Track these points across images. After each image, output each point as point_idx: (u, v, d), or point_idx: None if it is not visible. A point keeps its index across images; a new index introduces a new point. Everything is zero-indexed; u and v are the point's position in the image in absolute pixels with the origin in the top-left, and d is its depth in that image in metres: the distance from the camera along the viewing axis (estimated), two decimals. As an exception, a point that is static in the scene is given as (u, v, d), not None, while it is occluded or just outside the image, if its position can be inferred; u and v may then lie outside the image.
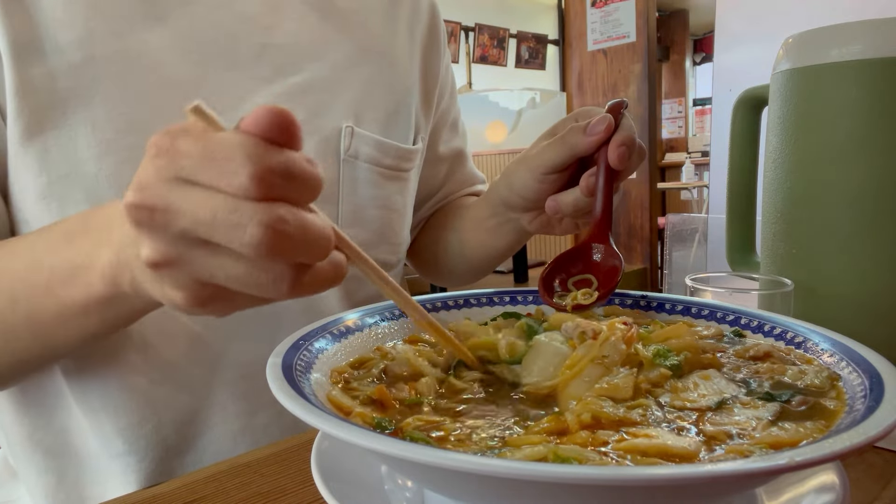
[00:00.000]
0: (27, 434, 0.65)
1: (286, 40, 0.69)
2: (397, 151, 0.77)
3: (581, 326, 0.45)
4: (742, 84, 0.75)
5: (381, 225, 0.76)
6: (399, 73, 0.79)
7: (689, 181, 5.62)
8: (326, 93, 0.71)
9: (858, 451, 0.26)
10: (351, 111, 0.73)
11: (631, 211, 3.90)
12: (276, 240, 0.30)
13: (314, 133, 0.70)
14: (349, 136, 0.72)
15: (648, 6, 3.72)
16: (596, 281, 0.56)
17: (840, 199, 0.60)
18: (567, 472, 0.24)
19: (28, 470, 0.66)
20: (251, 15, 0.67)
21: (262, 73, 0.67)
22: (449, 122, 0.92)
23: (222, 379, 0.66)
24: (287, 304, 0.58)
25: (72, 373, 0.62)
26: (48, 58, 0.57)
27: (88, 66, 0.58)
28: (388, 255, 0.79)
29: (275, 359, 0.37)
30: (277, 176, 0.30)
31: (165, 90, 0.62)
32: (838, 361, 0.40)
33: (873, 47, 0.57)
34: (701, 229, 2.45)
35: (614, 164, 0.58)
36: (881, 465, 0.47)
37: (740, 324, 0.50)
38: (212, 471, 0.50)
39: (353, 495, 0.37)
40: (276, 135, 0.31)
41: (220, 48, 0.65)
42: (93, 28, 0.58)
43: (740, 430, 0.34)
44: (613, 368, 0.40)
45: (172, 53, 0.62)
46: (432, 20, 0.86)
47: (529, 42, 4.46)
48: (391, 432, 0.35)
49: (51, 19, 0.57)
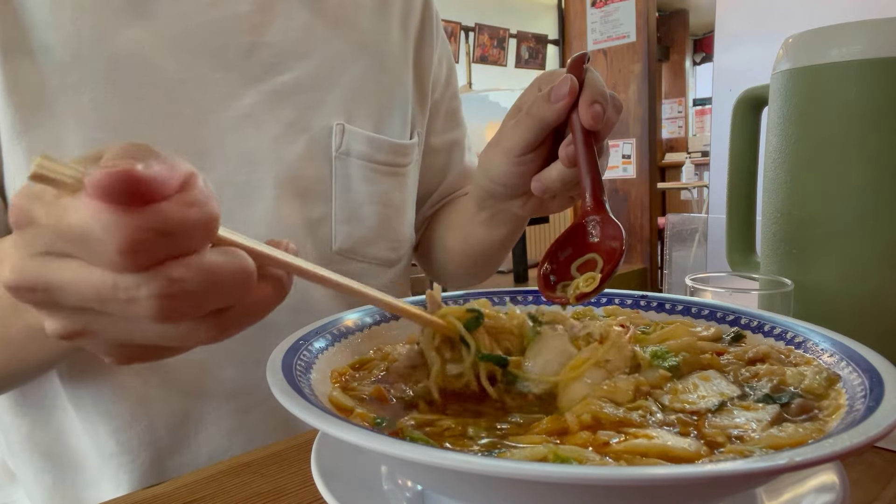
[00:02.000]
0: (25, 434, 0.65)
1: (276, 39, 0.69)
2: (391, 147, 0.76)
3: (588, 328, 0.44)
4: (742, 84, 0.75)
5: (378, 221, 0.76)
6: (391, 69, 0.79)
7: (689, 181, 5.62)
8: (316, 91, 0.71)
9: (858, 451, 0.26)
10: (342, 109, 0.72)
11: (631, 211, 3.90)
12: (175, 304, 0.28)
13: (304, 131, 0.70)
14: (340, 134, 0.72)
15: (648, 6, 3.72)
16: (600, 259, 0.50)
17: (840, 198, 0.60)
18: (567, 473, 0.24)
19: (26, 471, 0.66)
20: (241, 14, 0.67)
21: (251, 71, 0.67)
22: (442, 113, 0.90)
23: (214, 378, 0.66)
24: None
25: (65, 374, 0.63)
26: (36, 56, 0.57)
27: (76, 65, 0.58)
28: (389, 253, 0.79)
29: (274, 359, 0.37)
30: (150, 240, 0.26)
31: (153, 90, 0.62)
32: (838, 361, 0.40)
33: (873, 47, 0.57)
34: (701, 229, 2.45)
35: (589, 125, 0.53)
36: (881, 465, 0.47)
37: (740, 324, 0.50)
38: (212, 471, 0.50)
39: (353, 495, 0.37)
40: (129, 199, 0.25)
41: (210, 47, 0.65)
42: (80, 27, 0.58)
43: (740, 432, 0.34)
44: (616, 373, 0.40)
45: (161, 53, 0.62)
46: (425, 11, 0.86)
47: (529, 42, 4.46)
48: (391, 432, 0.35)
49: (37, 20, 0.57)
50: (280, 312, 0.54)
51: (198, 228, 0.27)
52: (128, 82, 0.60)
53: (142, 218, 0.26)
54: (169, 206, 0.26)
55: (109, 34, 0.60)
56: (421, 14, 0.85)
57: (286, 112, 0.69)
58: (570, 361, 0.41)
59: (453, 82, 0.93)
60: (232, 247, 0.30)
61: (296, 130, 0.69)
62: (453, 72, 0.93)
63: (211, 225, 0.28)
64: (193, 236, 0.28)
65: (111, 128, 0.59)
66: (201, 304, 0.29)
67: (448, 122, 0.92)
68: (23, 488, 0.68)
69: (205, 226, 0.28)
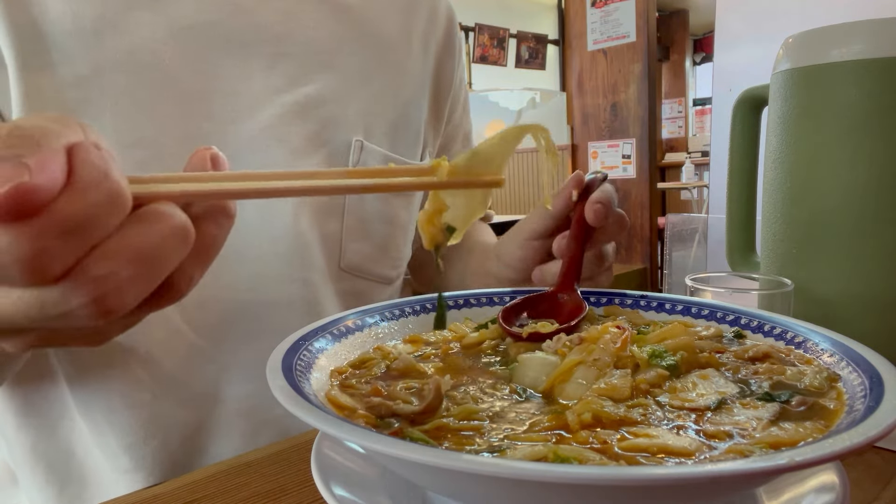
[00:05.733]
0: (30, 445, 0.64)
1: (300, 49, 0.67)
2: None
3: (563, 339, 0.45)
4: (742, 84, 0.75)
5: (383, 239, 0.75)
6: (410, 85, 0.77)
7: (689, 181, 5.61)
8: (338, 104, 0.70)
9: (858, 451, 0.26)
10: (361, 124, 0.71)
11: (631, 211, 3.90)
12: (115, 299, 0.25)
13: (323, 146, 0.68)
14: (358, 150, 0.70)
15: (648, 6, 3.72)
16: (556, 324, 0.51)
17: (840, 198, 0.60)
18: (567, 472, 0.24)
19: (30, 481, 0.66)
20: (266, 23, 0.65)
21: (274, 82, 0.66)
22: (460, 137, 0.90)
23: (227, 394, 0.65)
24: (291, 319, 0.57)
25: (76, 388, 0.62)
26: (56, 68, 0.56)
27: (96, 79, 0.57)
28: (389, 270, 0.78)
29: (275, 359, 0.37)
30: (55, 247, 0.23)
31: (173, 103, 0.60)
32: (838, 361, 0.40)
33: (873, 47, 0.57)
34: (701, 229, 2.45)
35: (590, 221, 0.56)
36: (881, 465, 0.47)
37: (740, 324, 0.50)
38: (212, 471, 0.50)
39: (353, 495, 0.37)
40: (17, 216, 0.22)
41: (233, 58, 0.63)
42: (101, 36, 0.57)
43: (740, 430, 0.34)
44: (607, 370, 0.40)
45: (182, 64, 0.61)
46: (449, 29, 0.84)
47: (529, 42, 4.45)
48: (391, 432, 0.35)
49: (58, 29, 0.55)
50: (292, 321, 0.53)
51: (103, 211, 0.24)
52: (148, 96, 0.59)
53: (36, 226, 0.23)
54: (62, 202, 0.23)
55: (131, 44, 0.58)
56: (445, 29, 0.83)
57: (307, 125, 0.67)
58: (558, 369, 0.41)
59: (468, 105, 0.93)
60: (154, 203, 0.26)
61: (315, 145, 0.68)
62: (468, 94, 0.93)
63: (118, 200, 0.24)
64: (102, 221, 0.24)
65: (131, 143, 0.58)
66: (145, 282, 0.26)
67: (464, 145, 0.91)
68: (25, 494, 0.68)
69: (110, 204, 0.24)
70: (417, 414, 0.37)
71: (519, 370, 0.43)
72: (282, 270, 0.65)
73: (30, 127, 0.23)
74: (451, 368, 0.45)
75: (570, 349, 0.43)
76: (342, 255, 0.72)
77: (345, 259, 0.72)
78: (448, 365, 0.46)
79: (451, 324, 0.54)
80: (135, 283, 0.26)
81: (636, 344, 0.44)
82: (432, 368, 0.45)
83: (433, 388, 0.38)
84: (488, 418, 0.37)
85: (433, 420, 0.36)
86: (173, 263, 0.27)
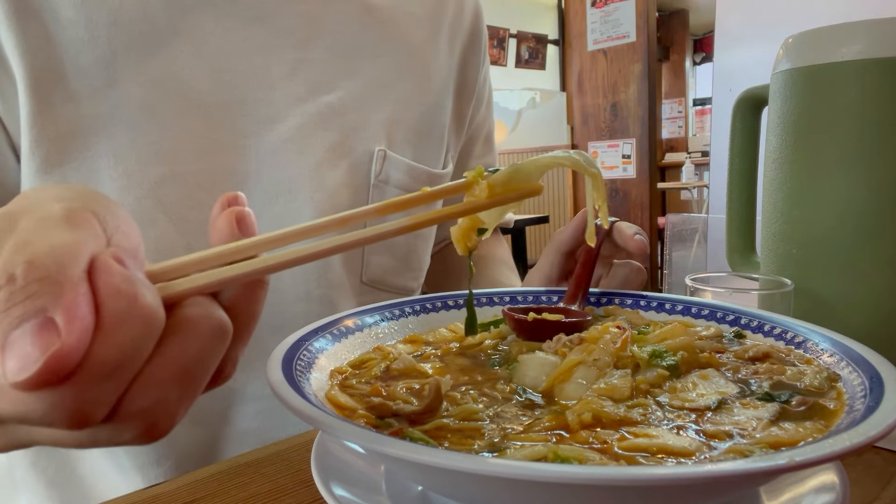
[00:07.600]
0: (30, 462, 0.63)
1: (322, 55, 0.65)
2: (428, 177, 0.73)
3: (563, 339, 0.45)
4: (742, 84, 0.75)
5: (407, 251, 0.74)
6: (435, 91, 0.75)
7: (689, 181, 5.61)
8: (360, 113, 0.67)
9: (858, 451, 0.26)
10: (384, 133, 0.69)
11: (631, 211, 3.90)
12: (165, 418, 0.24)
13: (346, 156, 0.66)
14: (381, 160, 0.68)
15: (648, 6, 3.72)
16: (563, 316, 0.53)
17: (840, 198, 0.60)
18: (567, 472, 0.24)
19: (31, 493, 0.65)
20: (287, 27, 0.63)
21: (296, 91, 0.63)
22: (483, 136, 0.87)
23: (239, 412, 0.64)
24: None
25: None
26: (70, 81, 0.53)
27: (112, 90, 0.55)
28: (411, 282, 0.76)
29: (275, 358, 0.37)
30: (96, 398, 0.22)
31: (191, 116, 0.58)
32: (838, 361, 0.40)
33: (873, 47, 0.57)
34: (701, 229, 2.45)
35: (631, 248, 0.60)
36: (881, 465, 0.47)
37: (740, 324, 0.50)
38: (212, 470, 0.50)
39: (353, 495, 0.37)
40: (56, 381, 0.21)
41: (254, 66, 0.61)
42: (115, 47, 0.55)
43: (740, 430, 0.34)
44: (607, 370, 0.40)
45: (199, 74, 0.58)
46: (475, 25, 0.81)
47: (529, 42, 4.46)
48: (391, 432, 0.35)
49: (72, 39, 0.53)
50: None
51: (139, 343, 0.22)
52: (164, 108, 0.57)
53: (76, 382, 0.21)
54: (97, 347, 0.21)
55: (145, 54, 0.56)
56: (470, 27, 0.80)
57: (329, 135, 0.65)
58: (557, 369, 0.41)
59: (491, 103, 0.90)
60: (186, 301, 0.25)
61: (337, 155, 0.65)
62: (492, 91, 0.90)
63: (152, 324, 0.23)
64: (140, 353, 0.23)
65: (148, 160, 0.56)
66: (193, 394, 0.25)
67: (486, 146, 0.89)
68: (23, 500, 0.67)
69: (144, 333, 0.22)
70: (417, 414, 0.37)
71: (519, 370, 0.43)
72: (302, 288, 0.64)
73: (42, 253, 0.21)
74: (451, 368, 0.45)
75: (570, 349, 0.43)
76: (364, 269, 0.70)
77: (367, 273, 0.70)
78: (448, 365, 0.46)
79: (451, 324, 0.54)
80: (182, 400, 0.25)
81: (636, 344, 0.44)
82: (432, 368, 0.45)
83: (433, 388, 0.38)
84: (488, 418, 0.37)
85: (433, 420, 0.36)
86: (217, 363, 0.26)
